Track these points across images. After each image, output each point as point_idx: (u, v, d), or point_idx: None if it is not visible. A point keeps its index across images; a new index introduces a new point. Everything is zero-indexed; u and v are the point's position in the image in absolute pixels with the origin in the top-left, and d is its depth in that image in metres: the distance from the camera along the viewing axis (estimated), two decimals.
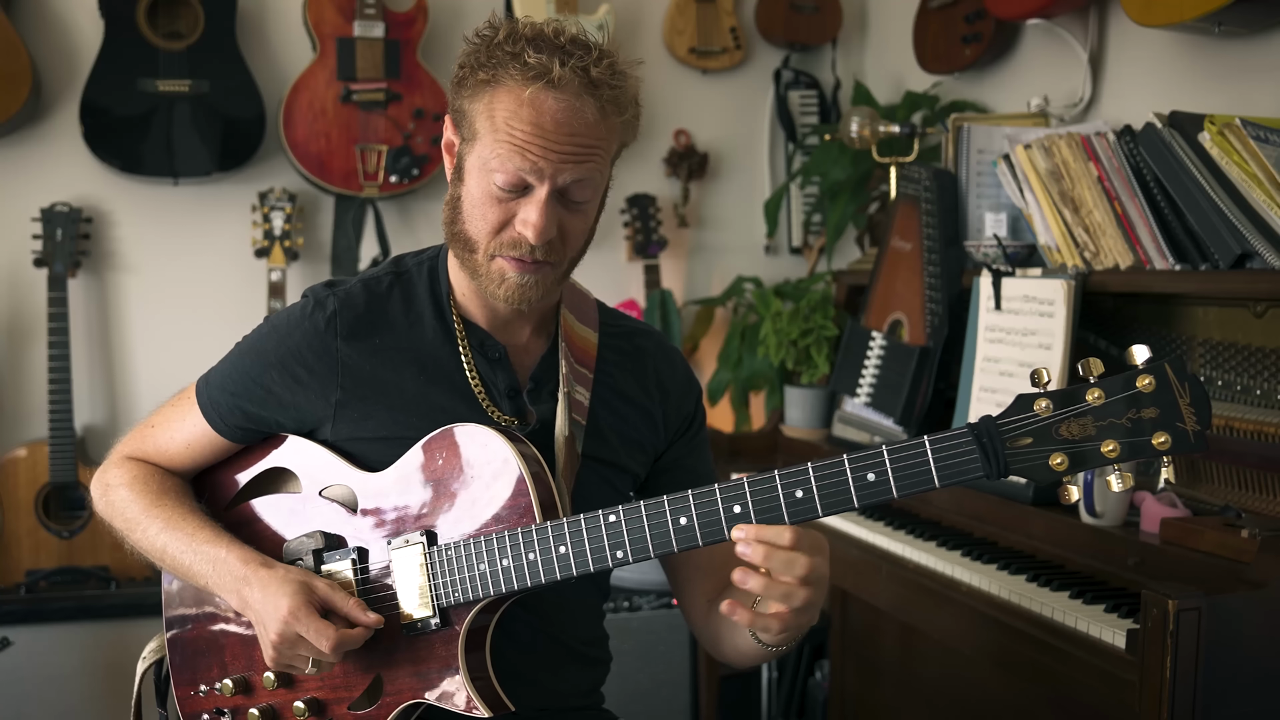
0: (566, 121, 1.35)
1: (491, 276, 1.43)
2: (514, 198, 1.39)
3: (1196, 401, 1.17)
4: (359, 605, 1.41)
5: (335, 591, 1.41)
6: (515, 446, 1.40)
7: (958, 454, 1.21)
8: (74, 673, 2.69)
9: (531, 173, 1.36)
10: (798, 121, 3.61)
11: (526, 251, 1.40)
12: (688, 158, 3.56)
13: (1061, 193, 2.28)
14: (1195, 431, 1.17)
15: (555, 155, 1.36)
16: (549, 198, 1.38)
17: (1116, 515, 1.95)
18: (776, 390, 3.11)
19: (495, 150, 1.37)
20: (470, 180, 1.42)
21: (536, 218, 1.38)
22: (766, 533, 1.26)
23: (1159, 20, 2.20)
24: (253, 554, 1.45)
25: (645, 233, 3.45)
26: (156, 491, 1.54)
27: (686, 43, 3.53)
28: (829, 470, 1.25)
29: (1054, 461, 1.20)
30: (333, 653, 1.37)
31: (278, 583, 1.40)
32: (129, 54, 3.01)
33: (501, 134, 1.36)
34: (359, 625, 1.40)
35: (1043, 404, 1.20)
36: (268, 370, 1.50)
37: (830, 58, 3.64)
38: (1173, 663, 1.52)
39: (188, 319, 3.21)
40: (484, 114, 1.38)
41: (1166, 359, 1.18)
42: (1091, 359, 1.20)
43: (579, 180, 1.39)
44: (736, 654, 1.53)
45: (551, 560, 1.36)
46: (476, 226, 1.42)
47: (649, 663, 2.79)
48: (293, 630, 1.37)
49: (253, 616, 1.42)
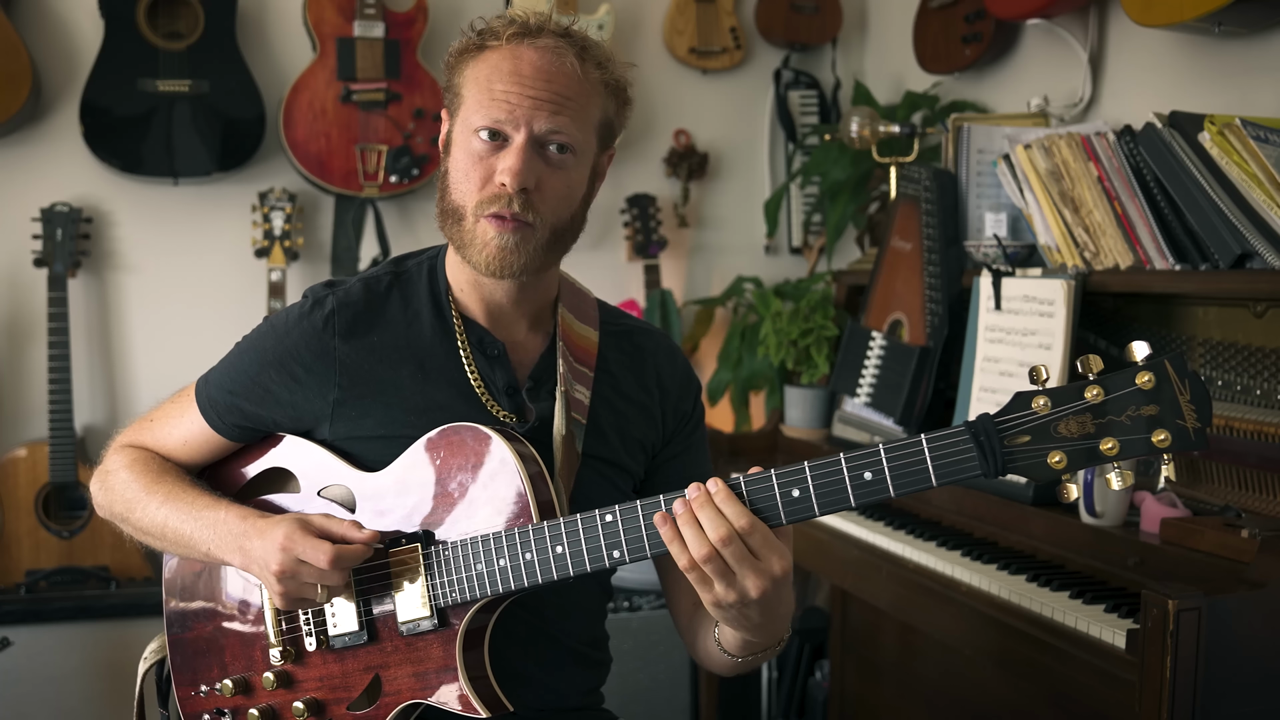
0: (544, 68, 1.41)
1: (475, 241, 1.43)
2: (494, 153, 1.42)
3: (1197, 398, 1.16)
4: (353, 524, 1.41)
5: (329, 519, 1.42)
6: (513, 446, 1.40)
7: (955, 452, 1.21)
8: (74, 673, 2.70)
9: (508, 121, 1.41)
10: (798, 121, 3.61)
11: (505, 205, 1.41)
12: (688, 158, 3.56)
13: (1061, 193, 2.28)
14: (1195, 429, 1.16)
15: (530, 101, 1.40)
16: (526, 144, 1.41)
17: (1116, 515, 1.95)
18: (776, 390, 3.11)
19: (477, 106, 1.42)
20: (455, 148, 1.46)
21: (513, 160, 1.40)
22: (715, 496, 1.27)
23: (1159, 20, 2.19)
24: (250, 510, 1.46)
25: (645, 233, 3.45)
26: (156, 471, 1.55)
27: (686, 43, 3.53)
28: (825, 469, 1.25)
29: (1052, 459, 1.19)
30: (333, 567, 1.36)
31: (273, 523, 1.41)
32: (129, 54, 3.01)
33: (483, 90, 1.42)
34: (356, 541, 1.39)
35: (1041, 401, 1.19)
36: (266, 369, 1.50)
37: (830, 58, 3.64)
38: (1173, 663, 1.52)
39: (188, 319, 3.21)
40: (469, 79, 1.45)
41: (1167, 355, 1.17)
42: (1091, 356, 1.19)
43: (555, 130, 1.41)
44: (708, 657, 1.54)
45: (549, 560, 1.35)
46: (461, 190, 1.44)
47: (649, 663, 2.79)
48: (291, 555, 1.37)
49: (256, 567, 1.42)
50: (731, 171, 3.68)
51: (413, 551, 1.42)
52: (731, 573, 1.26)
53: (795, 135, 3.60)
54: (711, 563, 1.25)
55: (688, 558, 1.26)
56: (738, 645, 1.42)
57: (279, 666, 1.49)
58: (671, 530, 1.27)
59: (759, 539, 1.25)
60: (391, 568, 1.43)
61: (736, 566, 1.25)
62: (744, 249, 3.67)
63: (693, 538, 1.26)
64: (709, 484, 1.27)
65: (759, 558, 1.26)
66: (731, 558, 1.25)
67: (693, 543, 1.25)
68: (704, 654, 1.55)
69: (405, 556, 1.43)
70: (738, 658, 1.45)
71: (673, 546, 1.27)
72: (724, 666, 1.50)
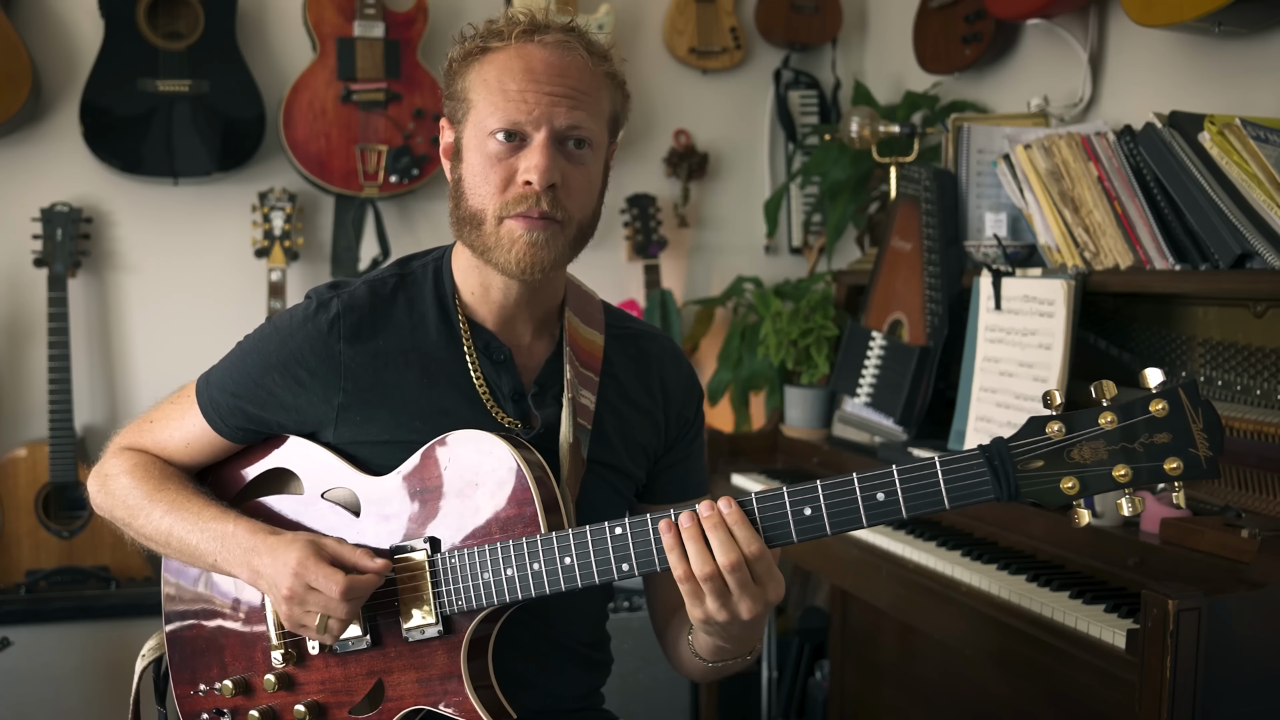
0: (557, 63, 1.40)
1: (501, 243, 1.41)
2: (514, 154, 1.40)
3: (1209, 427, 1.16)
4: (365, 553, 1.41)
5: (342, 545, 1.42)
6: (520, 453, 1.39)
7: (968, 476, 1.21)
8: (74, 673, 2.69)
9: (528, 121, 1.39)
10: (798, 121, 3.61)
11: (533, 204, 1.40)
12: (688, 158, 3.56)
13: (1061, 193, 2.28)
14: (1208, 457, 1.16)
15: (548, 98, 1.39)
16: (548, 141, 1.39)
17: (1116, 516, 1.95)
18: (776, 390, 3.11)
19: (492, 109, 1.40)
20: (469, 153, 1.43)
21: (539, 158, 1.39)
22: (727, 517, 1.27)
23: (1159, 20, 2.19)
24: (259, 525, 1.45)
25: (645, 233, 3.45)
26: (159, 477, 1.53)
27: (686, 43, 3.53)
28: (838, 489, 1.25)
29: (1065, 485, 1.20)
30: (343, 598, 1.36)
31: (286, 544, 1.40)
32: (129, 54, 3.01)
33: (495, 92, 1.40)
34: (367, 572, 1.39)
35: (1055, 427, 1.19)
36: (269, 372, 1.49)
37: (830, 58, 3.64)
38: (1173, 663, 1.52)
39: (188, 319, 3.21)
40: (477, 81, 1.43)
41: (1180, 383, 1.18)
42: (1105, 381, 1.19)
43: (575, 125, 1.41)
44: (679, 662, 1.56)
45: (557, 571, 1.35)
46: (481, 194, 1.42)
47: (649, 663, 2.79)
48: (303, 581, 1.37)
49: (264, 584, 1.42)
50: (731, 171, 3.68)
51: (419, 559, 1.42)
52: (729, 595, 1.27)
53: (795, 135, 3.60)
54: (711, 582, 1.26)
55: (685, 569, 1.27)
56: (711, 651, 1.44)
57: (280, 668, 1.49)
58: (673, 539, 1.27)
59: (763, 566, 1.27)
60: (398, 574, 1.43)
61: (737, 591, 1.26)
62: (744, 249, 3.67)
63: (696, 554, 1.26)
64: (721, 503, 1.27)
65: (759, 584, 1.27)
66: (735, 583, 1.26)
67: (696, 559, 1.26)
68: (675, 658, 1.57)
69: (411, 564, 1.42)
70: (709, 663, 1.46)
71: (671, 555, 1.27)
72: (696, 670, 1.52)
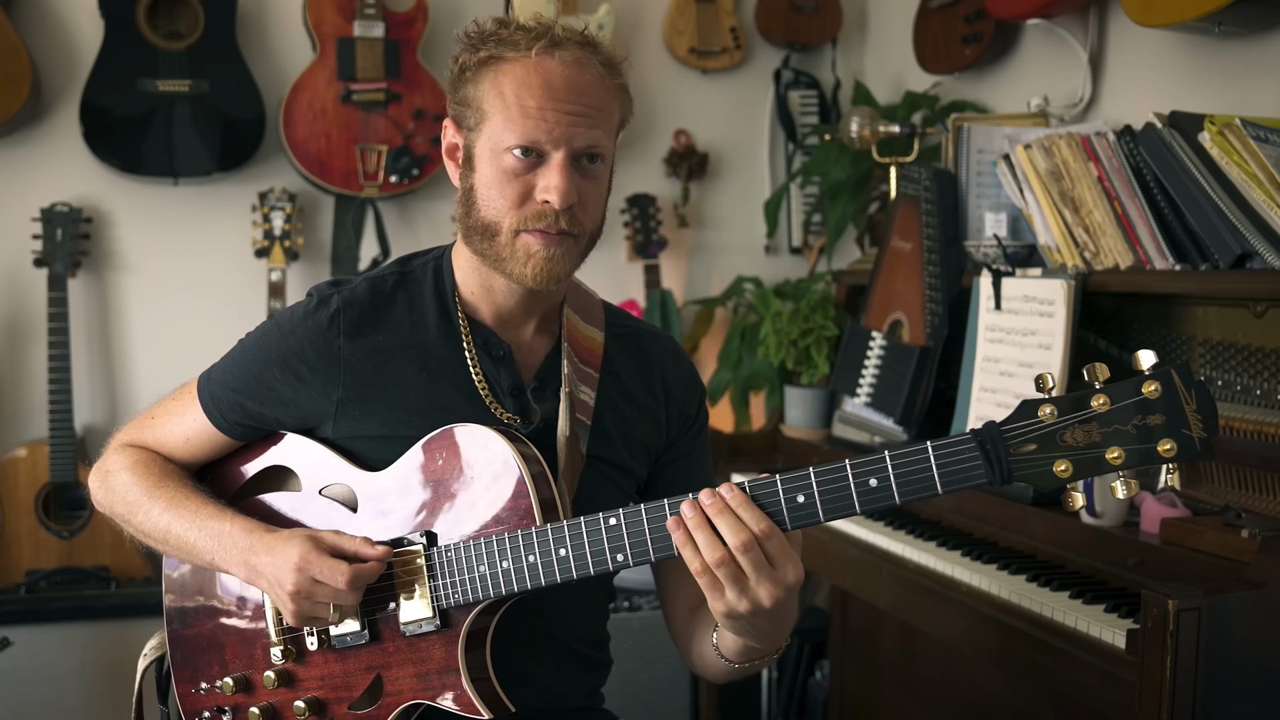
0: (575, 80, 1.39)
1: (517, 256, 1.42)
2: (530, 170, 1.40)
3: (1203, 408, 1.16)
4: (365, 541, 1.41)
5: (340, 535, 1.42)
6: (516, 447, 1.40)
7: (961, 459, 1.21)
8: (74, 673, 2.70)
9: (548, 139, 1.38)
10: (798, 121, 3.61)
11: (551, 221, 1.40)
12: (688, 158, 3.56)
13: (1061, 193, 2.28)
14: (1201, 439, 1.15)
15: (568, 118, 1.38)
16: (567, 161, 1.39)
17: (1116, 515, 1.95)
18: (776, 390, 3.11)
19: (509, 124, 1.39)
20: (482, 164, 1.42)
21: (559, 180, 1.39)
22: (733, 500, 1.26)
23: (1159, 20, 2.20)
24: (255, 523, 1.46)
25: (645, 233, 3.45)
26: (159, 474, 1.54)
27: (686, 43, 3.54)
28: (831, 475, 1.25)
29: (1058, 468, 1.19)
30: (350, 588, 1.37)
31: (284, 541, 1.40)
32: (129, 54, 3.01)
33: (513, 107, 1.38)
34: (369, 560, 1.40)
35: (1047, 410, 1.19)
36: (270, 367, 1.49)
37: (830, 58, 3.64)
38: (1173, 663, 1.52)
39: (188, 319, 3.21)
40: (491, 92, 1.41)
41: (1173, 365, 1.17)
42: (1097, 364, 1.19)
43: (593, 145, 1.41)
44: (703, 663, 1.53)
45: (551, 563, 1.35)
46: (496, 207, 1.42)
47: (649, 663, 2.79)
48: (307, 576, 1.37)
49: (264, 583, 1.42)
50: (731, 171, 3.68)
51: (416, 553, 1.42)
52: (746, 580, 1.25)
53: (795, 135, 3.60)
54: (725, 567, 1.24)
55: (700, 562, 1.25)
56: (738, 651, 1.41)
57: (280, 665, 1.49)
58: (684, 535, 1.26)
59: (776, 545, 1.25)
60: (395, 569, 1.43)
61: (753, 574, 1.25)
62: (744, 249, 3.67)
63: (705, 542, 1.25)
64: (723, 489, 1.27)
65: (775, 565, 1.25)
66: (749, 565, 1.24)
67: (705, 547, 1.25)
68: (699, 659, 1.54)
69: (408, 558, 1.43)
70: (735, 664, 1.44)
71: (685, 550, 1.26)
72: (720, 672, 1.49)
